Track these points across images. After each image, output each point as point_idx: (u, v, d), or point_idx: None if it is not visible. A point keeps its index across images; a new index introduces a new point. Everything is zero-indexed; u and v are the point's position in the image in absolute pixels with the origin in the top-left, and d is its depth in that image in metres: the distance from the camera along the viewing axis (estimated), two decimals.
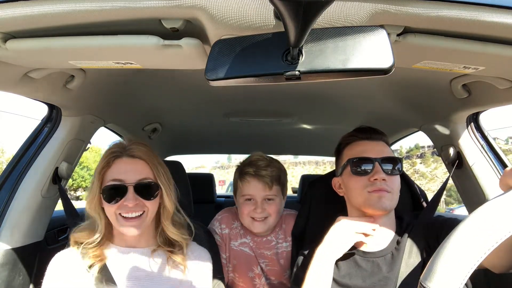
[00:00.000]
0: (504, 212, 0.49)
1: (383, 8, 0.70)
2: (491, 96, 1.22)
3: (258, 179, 1.44)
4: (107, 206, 1.07)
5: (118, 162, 1.09)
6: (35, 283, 1.39)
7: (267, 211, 1.46)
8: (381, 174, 1.09)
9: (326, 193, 1.30)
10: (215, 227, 1.60)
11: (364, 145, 1.17)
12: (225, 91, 1.58)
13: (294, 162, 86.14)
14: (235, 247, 1.57)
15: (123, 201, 1.04)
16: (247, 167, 1.47)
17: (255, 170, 1.45)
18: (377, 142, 1.18)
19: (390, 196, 1.11)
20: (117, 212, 1.06)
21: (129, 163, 1.09)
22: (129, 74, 1.32)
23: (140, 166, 1.10)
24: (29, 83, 1.08)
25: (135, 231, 1.07)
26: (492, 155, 1.47)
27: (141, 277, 1.11)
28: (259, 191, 1.45)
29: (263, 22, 0.74)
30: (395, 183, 1.13)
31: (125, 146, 1.12)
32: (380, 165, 1.11)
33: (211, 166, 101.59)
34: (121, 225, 1.07)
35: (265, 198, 1.46)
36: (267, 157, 1.52)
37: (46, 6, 0.73)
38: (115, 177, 1.07)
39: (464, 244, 0.49)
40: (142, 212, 1.08)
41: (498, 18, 0.70)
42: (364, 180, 1.12)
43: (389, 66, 0.60)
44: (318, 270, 1.08)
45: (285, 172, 1.54)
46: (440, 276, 0.49)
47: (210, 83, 0.67)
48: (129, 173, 1.07)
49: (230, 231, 1.59)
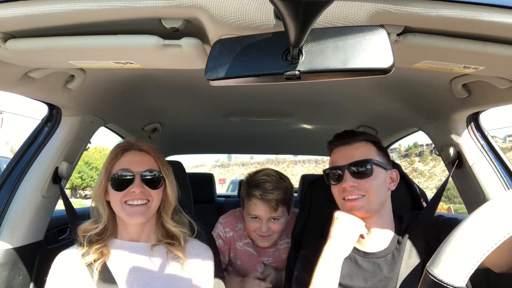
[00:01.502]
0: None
1: (383, 8, 0.70)
2: (491, 96, 1.22)
3: (264, 203, 1.49)
4: (113, 194, 1.11)
5: (126, 155, 1.16)
6: (35, 282, 1.39)
7: (271, 230, 1.54)
8: (348, 181, 1.11)
9: (326, 193, 1.30)
10: (219, 231, 1.67)
11: (338, 153, 1.19)
12: (225, 91, 1.58)
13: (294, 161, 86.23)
14: (240, 247, 1.65)
15: (130, 188, 1.10)
16: (254, 189, 1.51)
17: (262, 194, 1.49)
18: (350, 146, 1.17)
19: (366, 199, 1.10)
20: (123, 200, 1.11)
21: (137, 156, 1.17)
22: (129, 74, 1.32)
23: (147, 159, 1.17)
24: (29, 83, 1.08)
25: (140, 218, 1.12)
26: (492, 154, 1.47)
27: (142, 272, 1.12)
28: (265, 213, 1.51)
29: (263, 22, 0.73)
30: (370, 184, 1.11)
31: (133, 142, 1.20)
32: (348, 171, 1.12)
33: (211, 165, 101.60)
34: (127, 213, 1.11)
35: (271, 218, 1.53)
36: (275, 177, 1.55)
37: (46, 6, 0.73)
38: (123, 167, 1.13)
39: (474, 234, 0.49)
40: (147, 201, 1.13)
41: (498, 18, 0.70)
42: (338, 188, 1.15)
43: (389, 66, 0.61)
44: (326, 270, 1.06)
45: (291, 190, 1.59)
46: (447, 263, 0.49)
47: (210, 83, 0.68)
48: (137, 164, 1.14)
49: (234, 233, 1.66)
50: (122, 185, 1.11)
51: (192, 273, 1.17)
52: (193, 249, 1.23)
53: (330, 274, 1.05)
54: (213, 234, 1.64)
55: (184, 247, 1.19)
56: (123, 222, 1.17)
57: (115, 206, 1.13)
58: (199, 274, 1.19)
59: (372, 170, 1.12)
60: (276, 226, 1.54)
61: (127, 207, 1.11)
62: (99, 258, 1.08)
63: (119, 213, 1.14)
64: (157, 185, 1.15)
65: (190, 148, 3.23)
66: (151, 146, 1.21)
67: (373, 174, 1.11)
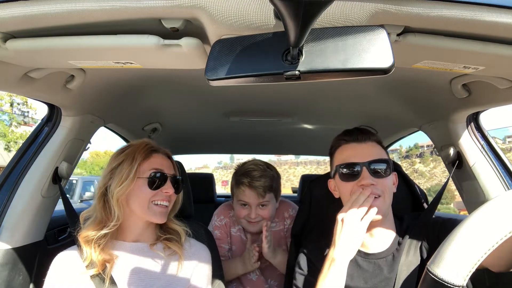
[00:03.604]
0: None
1: (383, 8, 0.70)
2: (491, 96, 1.22)
3: (252, 189, 1.60)
4: (144, 192, 1.13)
5: (156, 156, 1.20)
6: (35, 283, 1.38)
7: (260, 215, 1.63)
8: (367, 179, 1.07)
9: (326, 192, 1.30)
10: (214, 221, 1.79)
11: (351, 149, 1.14)
12: (225, 91, 1.58)
13: (296, 162, 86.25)
14: (234, 233, 1.77)
15: (162, 188, 1.15)
16: (242, 177, 1.63)
17: (249, 181, 1.60)
18: (365, 143, 1.14)
19: (382, 199, 1.07)
20: (152, 199, 1.14)
21: (165, 159, 1.22)
22: (129, 74, 1.32)
23: (171, 163, 1.24)
24: (29, 83, 1.08)
25: (163, 218, 1.17)
26: (492, 155, 1.47)
27: (141, 272, 1.13)
28: (253, 199, 1.61)
29: (263, 21, 0.73)
30: (386, 184, 1.09)
31: (155, 145, 1.24)
32: (367, 169, 1.08)
33: (214, 166, 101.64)
34: (153, 213, 1.14)
35: (259, 204, 1.63)
36: (262, 166, 1.66)
37: (46, 6, 0.73)
38: (157, 167, 1.17)
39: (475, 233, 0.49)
40: (168, 203, 1.18)
41: (498, 18, 0.70)
42: (351, 185, 1.10)
43: (389, 66, 0.60)
44: (334, 274, 1.01)
45: (278, 178, 1.71)
46: (448, 262, 0.48)
47: (210, 83, 0.67)
48: (167, 167, 1.20)
49: (228, 219, 1.78)
50: (157, 184, 1.14)
51: (190, 272, 1.18)
52: (191, 248, 1.24)
53: (338, 278, 1.01)
54: (210, 228, 1.74)
55: (183, 242, 1.21)
56: (129, 223, 1.17)
57: (139, 205, 1.13)
58: (197, 272, 1.20)
59: (390, 170, 1.11)
60: (265, 212, 1.63)
61: (154, 206, 1.14)
62: (98, 259, 1.08)
63: (143, 213, 1.14)
64: (180, 189, 1.24)
65: (190, 148, 3.22)
66: (169, 153, 1.27)
67: (390, 175, 1.11)
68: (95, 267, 1.07)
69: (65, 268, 1.09)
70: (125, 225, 1.17)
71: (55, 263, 1.10)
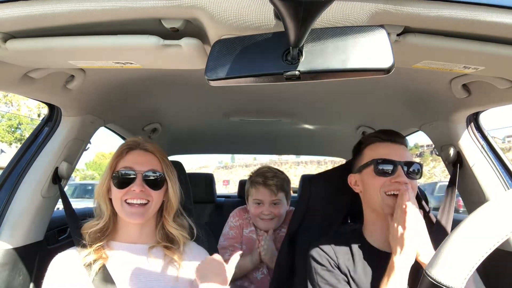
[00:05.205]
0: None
1: (383, 8, 0.70)
2: (491, 96, 1.22)
3: (265, 187, 1.84)
4: (115, 191, 1.13)
5: (131, 153, 1.17)
6: (35, 283, 1.38)
7: (273, 213, 1.85)
8: (403, 177, 1.12)
9: (325, 191, 1.30)
10: (230, 222, 2.00)
11: (387, 148, 1.19)
12: (225, 91, 1.58)
13: (296, 162, 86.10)
14: (246, 233, 1.95)
15: (130, 186, 1.11)
16: (257, 177, 1.89)
17: (263, 180, 1.85)
18: (399, 145, 1.20)
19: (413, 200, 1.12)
20: (123, 198, 1.12)
21: (142, 155, 1.18)
22: (129, 74, 1.32)
23: (151, 159, 1.18)
24: (29, 83, 1.08)
25: (138, 218, 1.12)
26: (492, 155, 1.47)
27: (139, 274, 1.12)
28: (266, 196, 1.84)
29: (263, 22, 0.73)
30: (415, 187, 1.16)
31: (139, 141, 1.21)
32: (403, 168, 1.14)
33: (214, 166, 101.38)
34: (126, 212, 1.12)
35: (272, 202, 1.85)
36: (274, 169, 1.95)
37: (46, 6, 0.72)
38: (126, 165, 1.14)
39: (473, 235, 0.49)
40: (146, 201, 1.13)
41: (498, 18, 0.70)
42: (384, 181, 1.14)
43: (389, 66, 0.61)
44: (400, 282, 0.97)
45: (288, 182, 1.95)
46: (446, 265, 0.48)
47: (210, 83, 0.67)
48: (140, 163, 1.15)
49: (242, 221, 1.99)
50: (123, 183, 1.12)
51: (188, 276, 1.17)
52: (191, 252, 1.23)
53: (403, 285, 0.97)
54: (226, 229, 1.97)
55: (182, 250, 1.20)
56: (124, 223, 1.17)
57: (116, 204, 1.14)
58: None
59: (420, 175, 1.17)
60: (277, 209, 1.85)
61: (126, 206, 1.12)
62: (97, 260, 1.08)
63: (119, 212, 1.14)
64: (159, 186, 1.16)
65: (190, 148, 3.22)
66: (156, 147, 1.22)
67: (419, 179, 1.16)
68: (94, 267, 1.07)
69: (64, 268, 1.09)
70: (119, 225, 1.18)
71: (54, 264, 1.10)
